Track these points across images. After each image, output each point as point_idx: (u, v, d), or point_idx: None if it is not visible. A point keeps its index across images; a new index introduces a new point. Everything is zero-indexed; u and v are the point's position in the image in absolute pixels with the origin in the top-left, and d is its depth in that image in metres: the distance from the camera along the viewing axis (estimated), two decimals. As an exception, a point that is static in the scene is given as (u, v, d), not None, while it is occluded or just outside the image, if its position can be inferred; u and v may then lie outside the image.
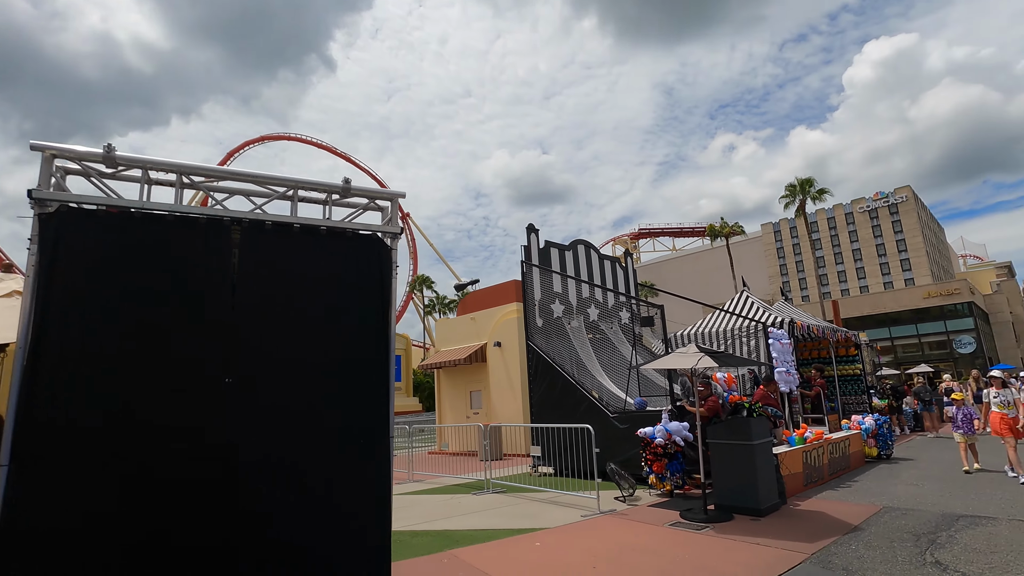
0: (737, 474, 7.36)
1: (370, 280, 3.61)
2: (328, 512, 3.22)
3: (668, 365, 7.67)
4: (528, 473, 11.82)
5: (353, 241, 3.65)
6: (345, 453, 3.34)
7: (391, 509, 3.46)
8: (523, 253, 12.78)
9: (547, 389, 11.77)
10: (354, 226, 3.77)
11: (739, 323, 14.73)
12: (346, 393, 3.40)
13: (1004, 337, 58.93)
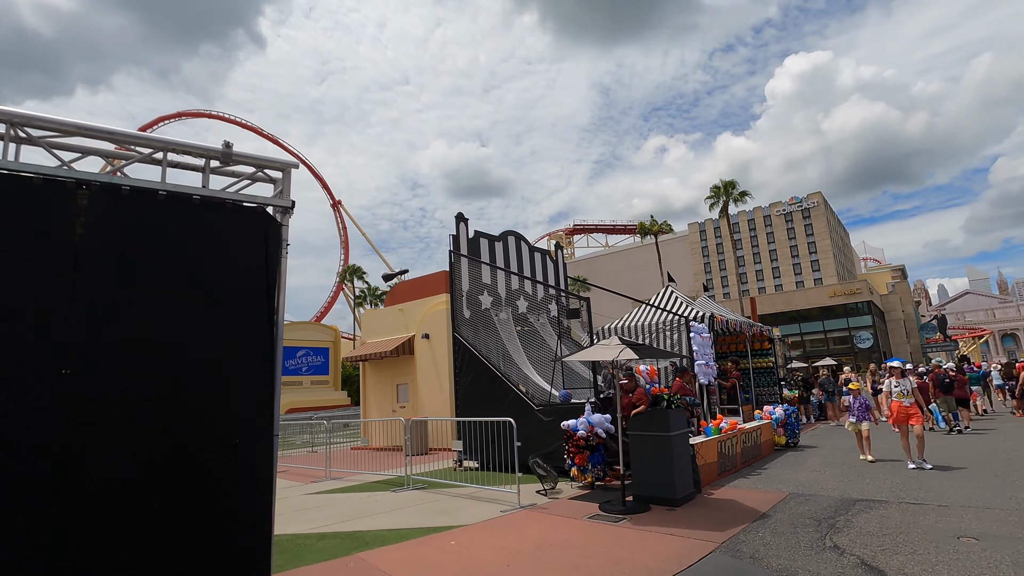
0: (654, 465, 7.42)
1: (253, 259, 3.19)
2: (192, 519, 2.80)
3: (590, 357, 7.62)
4: (452, 468, 11.55)
5: (234, 214, 3.21)
6: (215, 453, 2.92)
7: (272, 513, 3.08)
8: (451, 243, 12.43)
9: (473, 382, 11.53)
10: (238, 197, 3.32)
11: (663, 317, 15.10)
12: (218, 385, 2.97)
13: (896, 333, 64.81)
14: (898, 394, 9.42)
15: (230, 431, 2.99)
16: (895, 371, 9.74)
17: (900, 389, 9.44)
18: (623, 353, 6.76)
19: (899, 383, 9.50)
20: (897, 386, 9.49)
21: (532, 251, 14.73)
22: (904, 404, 9.36)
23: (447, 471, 11.11)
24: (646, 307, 15.96)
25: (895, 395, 9.46)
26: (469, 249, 12.74)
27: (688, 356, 13.57)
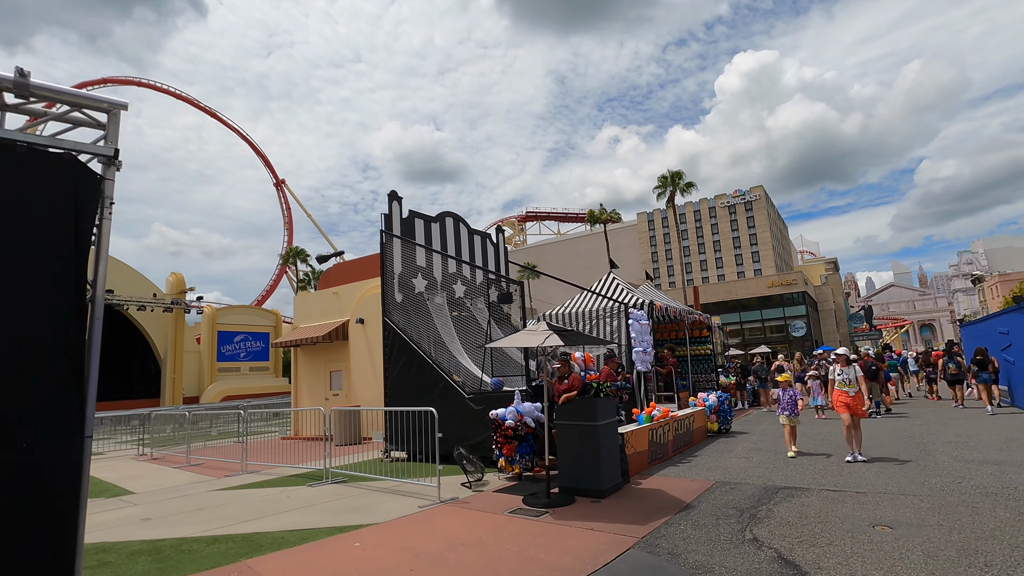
0: (581, 456, 7.15)
1: (57, 220, 2.55)
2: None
3: (515, 343, 7.24)
4: (380, 459, 11.00)
5: (31, 162, 2.55)
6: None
7: (79, 529, 2.49)
8: (383, 222, 11.75)
9: (403, 369, 10.98)
10: (43, 141, 2.66)
11: (604, 304, 14.97)
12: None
13: (828, 323, 68.30)
14: (841, 383, 8.98)
15: (30, 426, 2.38)
16: (840, 358, 9.18)
17: (843, 378, 8.98)
18: (549, 339, 6.40)
19: (843, 371, 9.01)
20: (840, 374, 9.02)
21: (472, 234, 14.21)
22: (848, 394, 8.87)
23: (373, 463, 10.56)
24: (588, 294, 15.79)
25: (838, 384, 9.00)
26: (403, 229, 12.09)
27: (614, 343, 13.47)
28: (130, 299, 41.28)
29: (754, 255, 75.05)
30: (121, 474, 11.82)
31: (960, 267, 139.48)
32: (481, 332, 12.74)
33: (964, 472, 7.52)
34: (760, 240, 74.59)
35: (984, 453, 8.81)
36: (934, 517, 5.57)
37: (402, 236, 11.91)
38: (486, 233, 14.72)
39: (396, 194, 12.07)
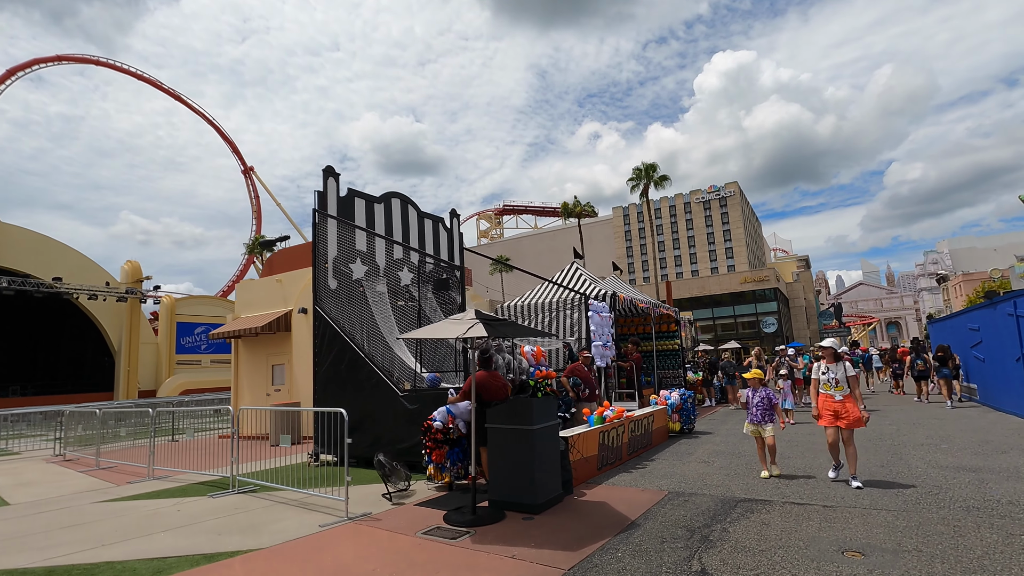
0: (514, 464, 6.19)
1: None
2: None
3: (434, 334, 6.24)
4: (306, 463, 9.91)
5: None
6: None
7: None
8: (316, 200, 10.58)
9: (333, 363, 9.89)
10: None
11: (565, 295, 14.07)
12: None
13: (799, 319, 68.90)
14: (826, 384, 6.96)
15: None
16: (826, 352, 7.07)
17: (829, 377, 6.94)
18: (473, 329, 5.40)
19: (830, 369, 6.96)
20: (826, 372, 6.99)
21: (422, 217, 13.11)
22: (835, 399, 6.85)
23: (295, 468, 9.47)
24: (550, 285, 14.87)
25: (823, 385, 7.00)
26: (340, 209, 10.94)
27: (586, 336, 12.59)
28: (80, 287, 39.07)
29: (728, 251, 75.26)
30: (14, 480, 10.49)
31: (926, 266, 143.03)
32: (426, 323, 11.68)
33: (940, 481, 6.79)
34: (734, 236, 74.82)
35: (959, 457, 8.12)
36: (911, 540, 4.75)
37: (339, 217, 10.76)
38: (438, 217, 13.62)
39: (332, 170, 10.91)
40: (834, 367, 6.94)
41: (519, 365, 9.25)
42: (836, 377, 6.89)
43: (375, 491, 7.37)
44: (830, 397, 6.94)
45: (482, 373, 6.93)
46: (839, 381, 6.87)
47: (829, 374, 6.96)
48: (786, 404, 13.12)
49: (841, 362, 6.96)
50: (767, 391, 7.69)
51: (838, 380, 6.88)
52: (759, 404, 7.59)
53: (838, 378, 6.87)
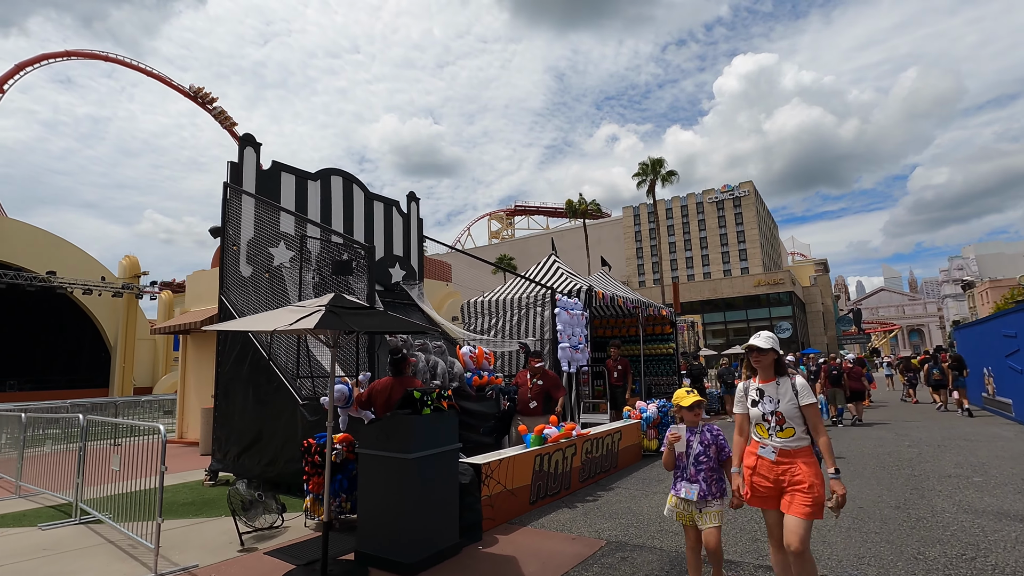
0: (385, 505, 4.56)
1: None
2: None
3: (249, 326, 4.65)
4: (201, 483, 8.39)
5: None
6: None
7: None
8: (229, 172, 9.08)
9: (236, 362, 8.38)
10: None
11: (535, 291, 12.43)
12: None
13: (815, 325, 66.23)
14: (758, 425, 3.43)
15: None
16: (759, 360, 3.47)
17: (762, 409, 3.40)
18: (304, 322, 3.80)
19: (764, 392, 3.43)
20: (759, 400, 3.44)
21: (371, 199, 11.54)
22: (769, 454, 3.32)
23: (178, 489, 7.95)
24: (519, 280, 13.23)
25: (754, 426, 3.48)
26: (261, 184, 9.42)
27: (552, 337, 10.93)
28: (75, 282, 38.34)
29: (741, 253, 72.65)
30: None
31: (951, 272, 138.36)
32: (363, 319, 10.11)
33: (977, 534, 5.02)
34: (748, 238, 72.20)
35: (999, 498, 6.31)
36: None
37: (256, 194, 9.23)
38: (391, 200, 12.05)
39: (252, 138, 9.40)
40: (772, 388, 3.38)
41: (450, 369, 7.63)
42: (776, 409, 3.32)
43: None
44: (761, 459, 3.36)
45: (386, 380, 5.34)
46: (782, 417, 3.29)
47: (763, 403, 3.37)
48: None
49: (786, 378, 3.39)
50: (714, 432, 3.83)
51: (780, 416, 3.30)
52: (700, 459, 3.73)
53: (780, 410, 3.30)
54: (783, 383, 3.35)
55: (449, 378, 7.58)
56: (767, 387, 3.38)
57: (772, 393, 3.35)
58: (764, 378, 3.42)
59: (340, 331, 4.26)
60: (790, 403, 3.27)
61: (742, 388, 3.54)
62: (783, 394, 3.32)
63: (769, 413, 3.33)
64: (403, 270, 11.87)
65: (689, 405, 3.84)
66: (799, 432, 3.27)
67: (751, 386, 3.49)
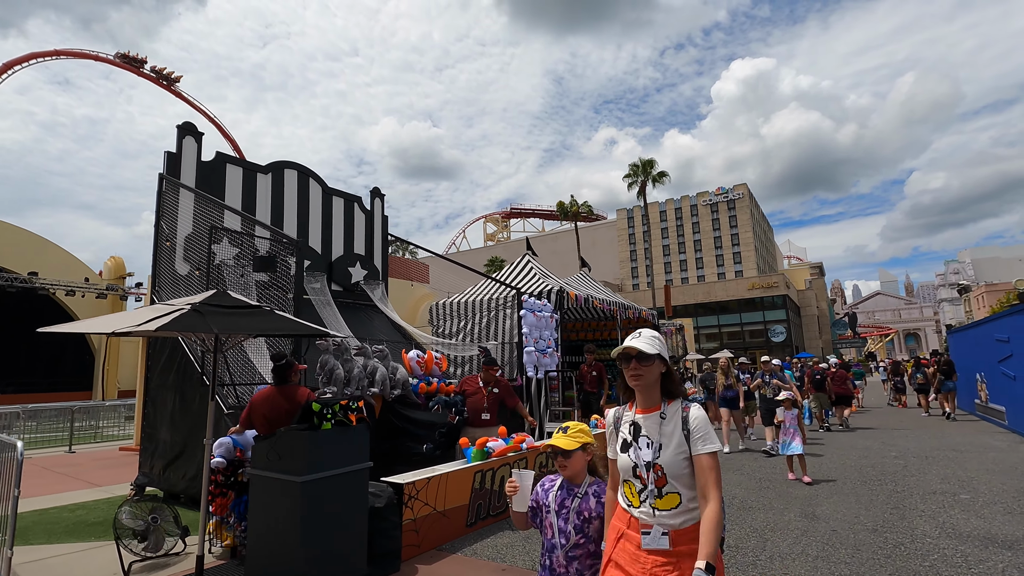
0: (275, 534, 3.95)
1: None
2: None
3: (78, 329, 4.06)
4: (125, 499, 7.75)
5: None
6: None
7: None
8: (165, 163, 8.46)
9: (164, 368, 7.74)
10: None
11: (507, 292, 11.83)
12: None
13: (810, 328, 65.71)
14: (627, 483, 2.07)
15: None
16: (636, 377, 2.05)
17: (633, 455, 2.03)
18: (150, 324, 3.19)
19: (638, 430, 2.04)
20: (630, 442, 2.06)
21: (329, 195, 10.92)
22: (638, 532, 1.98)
23: (107, 504, 7.31)
24: (489, 281, 12.64)
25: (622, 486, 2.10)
26: (203, 177, 8.80)
27: (518, 340, 10.33)
28: (57, 283, 37.62)
29: (735, 256, 72.10)
30: None
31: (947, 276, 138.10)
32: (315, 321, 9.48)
33: (961, 568, 4.42)
34: (742, 240, 71.66)
35: (988, 519, 5.71)
36: None
37: (197, 189, 8.60)
38: (353, 196, 11.43)
39: (192, 127, 8.79)
40: (653, 423, 2.03)
41: (392, 375, 7.01)
42: (654, 459, 1.99)
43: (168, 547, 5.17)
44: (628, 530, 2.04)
45: (266, 390, 4.73)
46: (663, 474, 1.97)
47: (636, 447, 2.04)
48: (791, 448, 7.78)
49: (677, 407, 2.02)
50: (603, 498, 2.30)
51: (660, 471, 1.98)
52: (577, 540, 2.30)
53: (661, 463, 1.97)
54: (671, 415, 2.01)
55: (391, 385, 6.98)
56: (647, 421, 2.04)
57: (652, 431, 2.01)
58: (644, 405, 2.07)
59: (216, 334, 3.65)
60: (678, 451, 1.95)
61: (612, 419, 2.20)
62: (669, 435, 1.98)
63: (644, 466, 1.99)
64: (364, 269, 11.25)
65: (568, 449, 2.33)
66: (687, 501, 1.94)
67: (624, 416, 2.15)
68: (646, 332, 2.11)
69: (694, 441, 1.95)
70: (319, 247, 10.52)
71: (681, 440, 1.97)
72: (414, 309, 28.58)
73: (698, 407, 2.04)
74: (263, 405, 4.73)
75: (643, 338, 2.07)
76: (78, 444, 14.46)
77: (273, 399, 4.70)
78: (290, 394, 4.72)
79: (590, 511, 2.32)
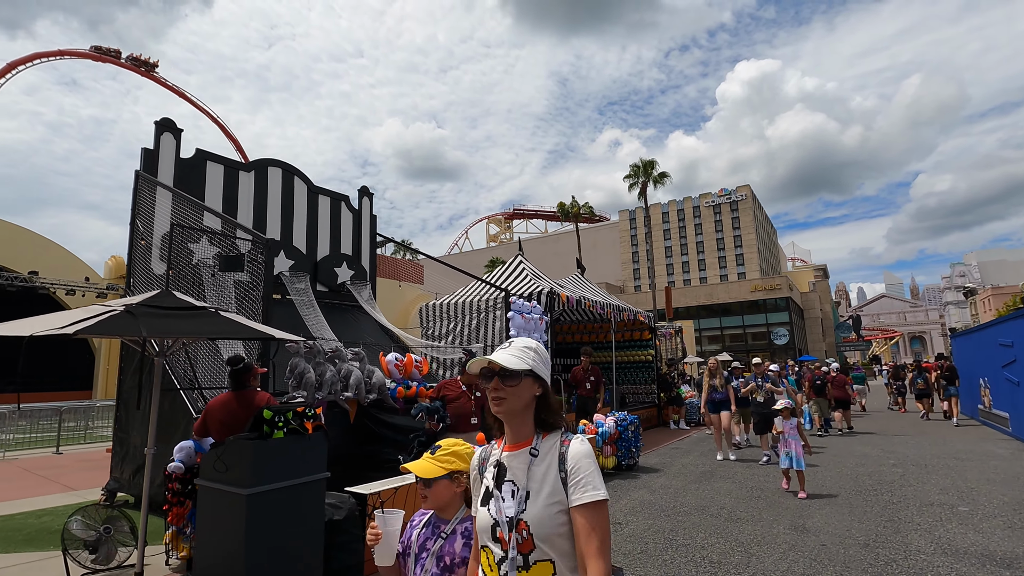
0: (222, 547, 3.72)
1: None
2: None
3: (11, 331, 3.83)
4: (96, 503, 7.53)
5: None
6: None
7: None
8: (142, 160, 8.26)
9: (137, 369, 7.54)
10: None
11: (496, 294, 11.61)
12: None
13: (814, 331, 65.21)
14: (484, 555, 1.52)
15: None
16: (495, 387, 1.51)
17: (491, 518, 1.48)
18: (73, 327, 2.97)
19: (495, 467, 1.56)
20: (480, 480, 1.62)
21: (315, 193, 10.72)
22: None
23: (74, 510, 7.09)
24: (479, 283, 12.41)
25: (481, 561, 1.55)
26: (181, 175, 8.60)
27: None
28: (57, 282, 37.62)
29: (738, 257, 71.64)
30: None
31: (952, 279, 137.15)
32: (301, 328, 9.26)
33: (953, 590, 4.15)
34: (745, 242, 71.20)
35: (987, 534, 5.43)
36: None
37: (175, 188, 8.40)
38: (340, 195, 11.22)
39: (171, 123, 8.60)
40: (520, 463, 1.50)
41: (368, 378, 6.78)
42: (518, 515, 1.44)
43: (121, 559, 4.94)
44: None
45: (224, 396, 4.50)
46: (528, 536, 1.42)
47: (498, 499, 1.49)
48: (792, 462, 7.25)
49: (554, 442, 1.50)
50: (463, 530, 1.77)
51: (525, 530, 1.42)
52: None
53: (526, 519, 1.43)
54: (546, 452, 1.49)
55: (367, 389, 6.74)
56: (514, 460, 1.52)
57: (519, 475, 1.49)
58: (512, 439, 1.55)
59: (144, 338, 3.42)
60: (550, 502, 1.42)
61: (476, 461, 1.66)
62: (540, 479, 1.46)
63: (505, 523, 1.44)
64: (351, 270, 11.03)
65: (428, 478, 1.77)
66: (565, 573, 1.42)
67: (491, 455, 1.61)
68: (518, 342, 1.60)
69: (572, 487, 1.42)
70: (304, 247, 10.31)
71: (556, 486, 1.43)
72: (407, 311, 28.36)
73: (581, 440, 1.48)
74: (219, 411, 4.51)
75: (511, 349, 1.57)
76: (67, 445, 14.31)
77: (229, 405, 4.48)
78: (248, 400, 4.50)
79: (453, 555, 1.73)
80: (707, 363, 10.34)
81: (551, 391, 1.60)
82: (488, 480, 1.56)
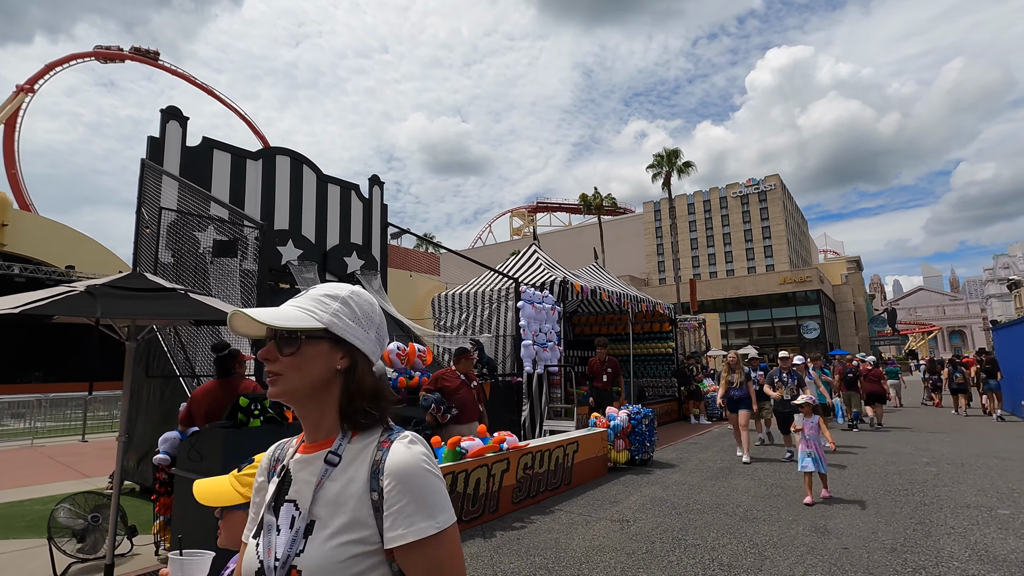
0: (196, 541, 3.56)
1: None
2: None
3: None
4: (101, 491, 7.57)
5: None
6: None
7: None
8: (148, 148, 8.23)
9: (141, 359, 7.51)
10: None
11: (509, 283, 11.36)
12: None
13: (846, 325, 63.26)
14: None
15: None
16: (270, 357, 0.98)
17: (258, 558, 0.95)
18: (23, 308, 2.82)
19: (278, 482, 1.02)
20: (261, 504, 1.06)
21: (324, 182, 10.61)
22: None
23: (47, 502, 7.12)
24: (493, 273, 12.17)
25: None
26: (188, 163, 8.56)
27: (516, 333, 9.84)
28: (92, 276, 38.89)
29: (767, 249, 69.76)
30: None
31: (996, 271, 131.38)
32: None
33: (989, 603, 3.76)
34: (774, 234, 69.28)
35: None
36: None
37: (181, 177, 8.35)
38: (350, 184, 11.10)
39: (177, 112, 8.55)
40: (306, 476, 0.97)
41: (368, 369, 6.60)
42: (289, 558, 0.90)
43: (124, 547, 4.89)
44: None
45: (209, 384, 4.36)
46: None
47: (273, 527, 0.96)
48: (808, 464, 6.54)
49: (367, 446, 0.97)
50: None
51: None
52: None
53: (301, 566, 0.88)
54: (353, 459, 0.96)
55: (367, 379, 6.57)
56: (303, 469, 0.99)
57: (305, 491, 0.96)
58: (309, 436, 1.02)
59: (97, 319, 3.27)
60: (344, 538, 0.89)
61: (265, 463, 1.09)
62: (332, 501, 0.93)
63: (271, 568, 0.91)
64: (361, 259, 10.91)
65: (219, 506, 1.32)
66: None
67: (287, 455, 1.06)
68: (320, 287, 1.04)
69: (390, 517, 0.88)
70: (313, 236, 10.22)
71: (360, 515, 0.90)
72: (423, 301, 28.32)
73: (410, 441, 0.95)
74: (204, 400, 4.37)
75: (302, 298, 1.02)
76: (94, 433, 14.64)
77: (214, 393, 4.34)
78: (232, 387, 4.35)
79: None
80: (727, 357, 9.86)
81: (367, 363, 1.01)
82: (268, 496, 1.00)
